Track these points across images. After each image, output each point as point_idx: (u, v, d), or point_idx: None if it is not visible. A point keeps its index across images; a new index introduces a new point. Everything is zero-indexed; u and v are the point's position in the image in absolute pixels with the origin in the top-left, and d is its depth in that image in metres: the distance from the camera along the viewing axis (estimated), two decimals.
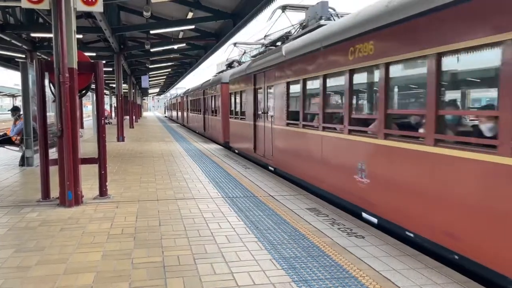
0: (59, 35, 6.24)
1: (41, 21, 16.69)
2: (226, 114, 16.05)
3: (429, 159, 4.37)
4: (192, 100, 28.29)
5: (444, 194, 4.18)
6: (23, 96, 10.26)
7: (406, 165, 4.79)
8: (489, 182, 3.69)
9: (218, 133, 17.73)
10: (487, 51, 3.72)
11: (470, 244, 3.88)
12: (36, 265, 4.05)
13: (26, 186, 8.08)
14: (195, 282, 3.67)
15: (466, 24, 3.86)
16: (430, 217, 4.39)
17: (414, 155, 4.62)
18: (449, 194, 4.12)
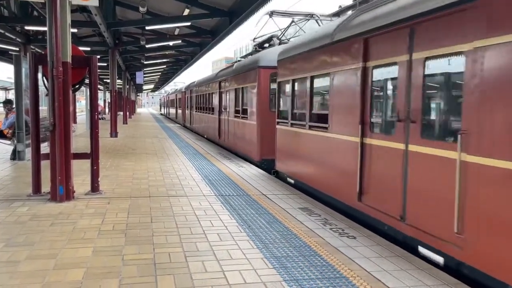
0: (53, 28, 6.18)
1: (35, 14, 16.55)
2: (266, 116, 10.49)
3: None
4: (200, 95, 21.52)
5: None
6: (15, 89, 10.16)
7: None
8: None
9: (248, 145, 11.58)
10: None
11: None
12: (25, 260, 4.01)
13: (17, 180, 8.01)
14: (186, 280, 3.65)
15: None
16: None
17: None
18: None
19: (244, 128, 12.03)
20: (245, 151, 12.06)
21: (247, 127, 11.67)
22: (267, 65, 10.58)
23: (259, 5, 12.93)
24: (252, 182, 8.37)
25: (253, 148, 11.11)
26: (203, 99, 20.26)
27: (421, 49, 4.57)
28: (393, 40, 5.07)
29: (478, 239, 3.70)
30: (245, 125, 11.89)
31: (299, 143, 7.92)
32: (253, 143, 11.03)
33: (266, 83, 10.62)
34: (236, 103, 13.24)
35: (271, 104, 10.56)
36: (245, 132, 11.92)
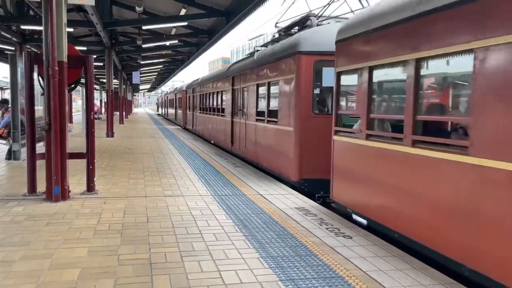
0: (49, 27, 6.16)
1: (31, 13, 16.49)
2: (308, 120, 7.84)
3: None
4: (205, 95, 18.72)
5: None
6: (11, 89, 10.11)
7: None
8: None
9: (279, 158, 8.80)
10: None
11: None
12: (20, 260, 3.99)
13: (12, 180, 7.97)
14: (182, 280, 3.64)
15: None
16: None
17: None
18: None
19: (273, 136, 9.22)
20: (273, 166, 9.21)
21: (278, 134, 8.83)
22: (312, 50, 7.78)
23: (256, 5, 12.93)
24: (248, 181, 8.36)
25: (287, 163, 8.29)
26: (210, 99, 17.46)
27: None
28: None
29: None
30: (274, 131, 9.08)
31: (385, 168, 5.09)
32: (288, 157, 8.23)
33: (309, 74, 7.79)
34: (258, 103, 10.46)
35: (315, 104, 7.94)
36: (274, 141, 9.10)
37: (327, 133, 6.87)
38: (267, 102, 9.70)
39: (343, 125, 6.50)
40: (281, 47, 9.11)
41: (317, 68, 7.81)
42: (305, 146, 7.82)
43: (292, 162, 8.08)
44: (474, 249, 3.72)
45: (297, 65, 7.94)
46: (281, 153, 8.70)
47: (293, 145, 8.03)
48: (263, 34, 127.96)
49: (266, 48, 10.71)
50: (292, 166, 8.10)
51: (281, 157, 8.72)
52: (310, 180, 7.80)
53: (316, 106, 8.02)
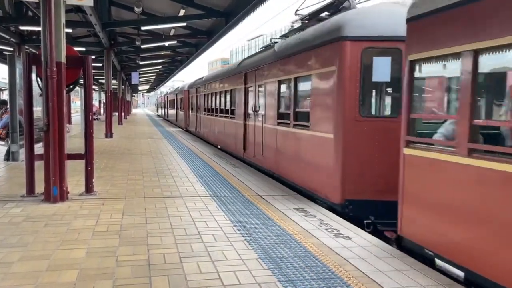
0: (47, 28, 6.15)
1: (30, 14, 16.46)
2: (354, 126, 6.26)
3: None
4: (211, 94, 17.00)
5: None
6: (9, 89, 10.10)
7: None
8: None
9: (314, 172, 7.14)
10: None
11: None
12: (19, 261, 3.98)
13: (10, 181, 7.95)
14: (180, 281, 3.63)
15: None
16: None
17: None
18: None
19: (303, 144, 7.56)
20: (302, 181, 7.54)
21: (311, 142, 7.18)
22: (360, 34, 6.15)
23: (254, 6, 12.93)
24: (247, 182, 8.35)
25: (324, 179, 6.66)
26: (216, 99, 15.69)
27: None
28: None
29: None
30: (305, 138, 7.43)
31: (502, 200, 3.45)
32: (325, 171, 6.60)
33: (356, 66, 6.15)
34: (280, 103, 8.85)
35: (363, 105, 6.27)
36: (305, 150, 7.45)
37: (379, 141, 5.92)
38: (294, 102, 7.98)
39: (421, 134, 4.79)
40: (313, 33, 7.33)
41: (366, 58, 6.18)
42: (350, 158, 6.17)
43: (332, 178, 6.37)
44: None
45: (339, 55, 6.26)
46: (315, 165, 6.98)
47: (334, 157, 6.33)
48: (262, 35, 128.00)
49: (289, 38, 8.99)
50: (331, 184, 6.40)
51: (314, 170, 7.02)
52: (356, 202, 6.12)
53: (365, 107, 6.34)
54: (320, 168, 6.81)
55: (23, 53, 7.56)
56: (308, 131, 7.31)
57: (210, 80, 17.24)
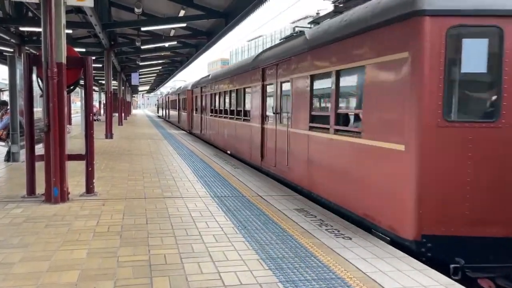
0: (48, 29, 6.15)
1: (30, 15, 16.47)
2: (437, 135, 4.64)
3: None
4: (218, 94, 15.31)
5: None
6: (10, 90, 10.10)
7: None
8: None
9: (372, 194, 5.41)
10: None
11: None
12: (20, 262, 3.98)
13: (11, 182, 7.95)
14: (181, 282, 3.63)
15: None
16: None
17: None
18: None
19: (351, 156, 5.96)
20: (352, 205, 5.88)
21: (367, 154, 5.53)
22: (446, 8, 4.57)
23: (254, 7, 12.94)
24: (247, 182, 8.35)
25: (389, 205, 5.04)
26: (226, 99, 14.06)
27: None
28: None
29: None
30: (356, 150, 5.80)
31: None
32: (392, 194, 5.00)
33: (439, 51, 4.60)
34: (313, 103, 7.34)
35: (448, 106, 4.69)
36: (355, 164, 5.84)
37: (472, 154, 4.52)
38: (335, 102, 6.42)
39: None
40: (369, 11, 5.61)
41: (453, 41, 4.59)
42: (430, 177, 4.60)
43: (402, 205, 4.79)
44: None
45: (415, 37, 4.64)
46: (371, 184, 5.42)
47: (405, 175, 4.76)
48: (262, 36, 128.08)
49: (326, 23, 7.33)
50: (401, 213, 4.81)
51: (369, 191, 5.45)
52: (438, 239, 4.57)
53: (451, 107, 4.70)
54: (381, 189, 5.18)
55: (23, 54, 7.56)
56: (359, 139, 5.68)
57: (218, 78, 15.42)
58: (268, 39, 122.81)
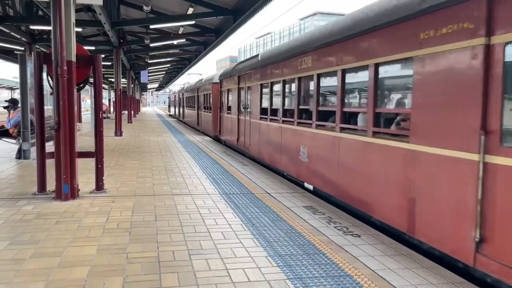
0: (58, 27, 6.20)
1: (40, 13, 16.62)
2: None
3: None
4: (284, 85, 9.16)
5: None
6: (21, 88, 10.20)
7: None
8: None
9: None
10: None
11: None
12: (31, 258, 4.03)
13: (22, 179, 8.04)
14: (190, 278, 3.65)
15: None
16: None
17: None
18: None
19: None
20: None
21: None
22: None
23: (263, 4, 12.90)
24: (255, 180, 8.36)
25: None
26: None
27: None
28: None
29: None
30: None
31: None
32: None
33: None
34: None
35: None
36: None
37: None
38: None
39: None
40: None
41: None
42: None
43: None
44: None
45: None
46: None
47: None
48: (270, 33, 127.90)
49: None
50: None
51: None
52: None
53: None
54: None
55: (34, 52, 7.64)
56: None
57: (278, 59, 9.44)
58: (276, 36, 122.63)
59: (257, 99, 11.15)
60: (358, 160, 5.87)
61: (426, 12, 4.45)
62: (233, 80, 14.19)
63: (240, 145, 13.33)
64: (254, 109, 11.46)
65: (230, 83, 14.71)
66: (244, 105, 12.74)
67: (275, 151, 9.72)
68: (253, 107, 11.52)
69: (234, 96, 14.15)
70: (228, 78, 15.33)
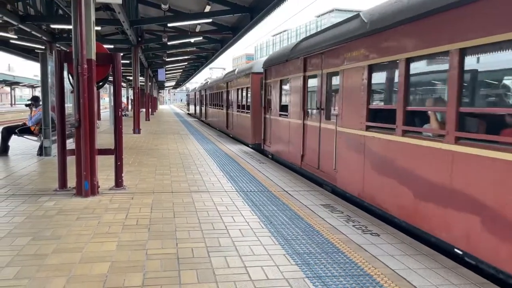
0: (78, 26, 6.28)
1: (60, 12, 16.90)
2: None
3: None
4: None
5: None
6: (42, 86, 10.38)
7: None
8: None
9: None
10: None
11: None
12: (52, 253, 4.10)
13: (43, 176, 8.19)
14: (209, 275, 3.67)
15: None
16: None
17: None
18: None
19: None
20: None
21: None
22: None
23: (280, 1, 12.86)
24: (273, 177, 8.35)
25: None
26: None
27: None
28: None
29: None
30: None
31: None
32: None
33: None
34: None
35: None
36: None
37: None
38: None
39: None
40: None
41: None
42: None
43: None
44: None
45: None
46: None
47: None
48: (287, 30, 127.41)
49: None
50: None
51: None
52: None
53: None
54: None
55: (54, 51, 7.79)
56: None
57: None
58: (293, 33, 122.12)
59: (358, 94, 6.27)
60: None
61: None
62: (294, 65, 9.57)
63: (309, 166, 8.68)
64: (349, 111, 6.66)
65: (287, 70, 10.12)
66: (319, 103, 8.09)
67: (421, 197, 4.86)
68: (348, 107, 6.69)
69: (295, 90, 9.49)
70: (281, 65, 10.56)
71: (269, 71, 11.92)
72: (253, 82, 14.28)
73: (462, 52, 4.20)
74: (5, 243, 4.37)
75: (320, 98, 8.09)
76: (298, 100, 9.26)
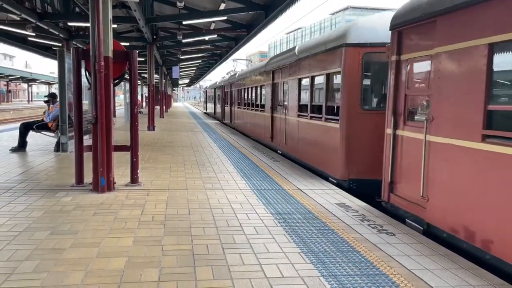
0: (95, 24, 6.35)
1: (77, 10, 17.10)
2: None
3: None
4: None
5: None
6: (59, 83, 10.53)
7: None
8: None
9: None
10: None
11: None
12: (70, 248, 4.16)
13: (60, 171, 8.31)
14: (224, 272, 3.68)
15: None
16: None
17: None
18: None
19: None
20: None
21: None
22: None
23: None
24: (287, 175, 8.34)
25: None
26: None
27: None
28: None
29: None
30: None
31: None
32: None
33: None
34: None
35: None
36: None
37: None
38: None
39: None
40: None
41: None
42: None
43: None
44: None
45: None
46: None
47: None
48: (300, 28, 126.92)
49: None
50: None
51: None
52: None
53: None
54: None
55: (72, 48, 7.88)
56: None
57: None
58: (307, 31, 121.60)
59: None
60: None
61: None
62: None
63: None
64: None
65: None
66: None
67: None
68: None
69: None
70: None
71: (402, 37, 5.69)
72: (348, 62, 7.51)
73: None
74: (24, 237, 4.45)
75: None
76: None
